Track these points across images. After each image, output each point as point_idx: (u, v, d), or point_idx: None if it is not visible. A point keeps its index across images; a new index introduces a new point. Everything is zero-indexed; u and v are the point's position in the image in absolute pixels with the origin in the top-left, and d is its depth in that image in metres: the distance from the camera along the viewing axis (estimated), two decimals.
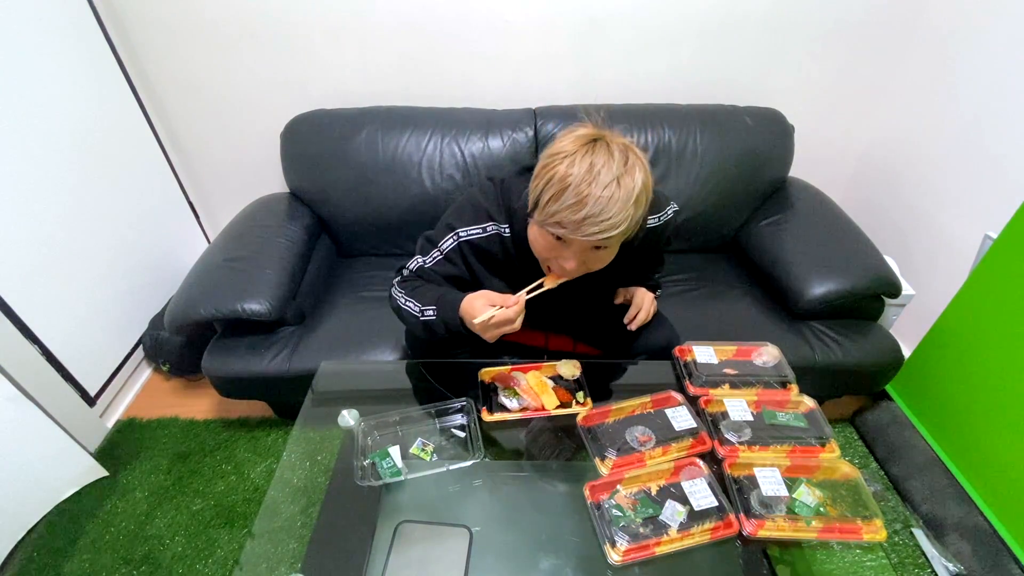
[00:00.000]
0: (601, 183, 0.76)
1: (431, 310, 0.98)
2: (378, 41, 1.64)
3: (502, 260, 1.03)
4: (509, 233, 1.00)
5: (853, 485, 0.90)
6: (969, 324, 1.35)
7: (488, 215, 1.01)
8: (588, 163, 0.77)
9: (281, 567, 0.88)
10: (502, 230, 1.01)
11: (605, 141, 0.80)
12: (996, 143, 1.44)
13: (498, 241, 1.01)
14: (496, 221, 1.01)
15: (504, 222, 1.00)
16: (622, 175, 0.77)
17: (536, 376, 1.09)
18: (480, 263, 1.03)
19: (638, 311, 1.12)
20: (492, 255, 1.02)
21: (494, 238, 1.01)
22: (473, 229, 1.01)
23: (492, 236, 1.01)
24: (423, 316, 0.99)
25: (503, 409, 1.03)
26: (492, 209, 1.01)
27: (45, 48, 1.39)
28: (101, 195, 1.58)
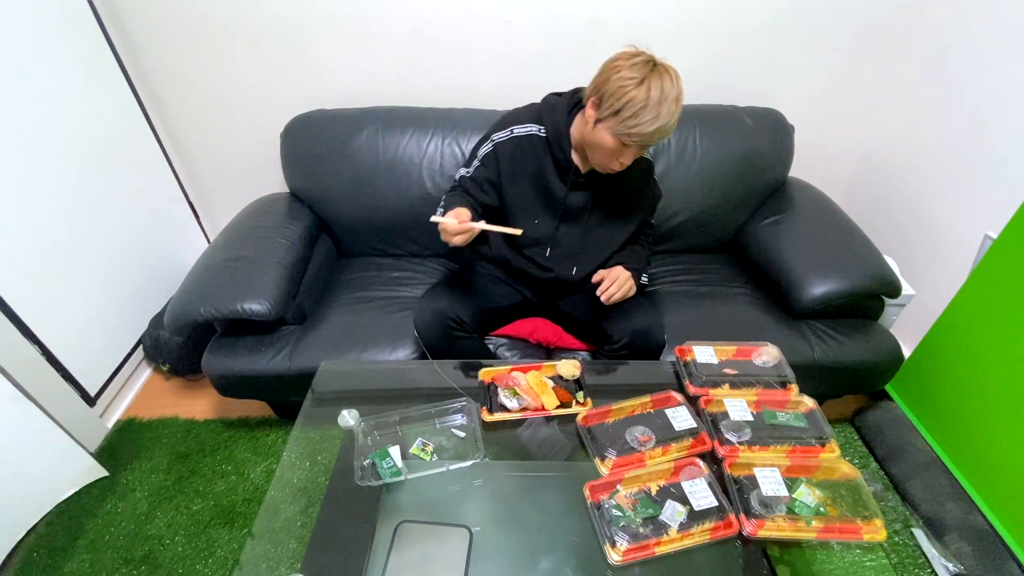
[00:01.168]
0: (668, 103, 1.00)
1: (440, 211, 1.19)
2: (379, 41, 1.64)
3: (530, 156, 1.22)
4: (539, 131, 1.21)
5: (853, 485, 0.90)
6: (969, 324, 1.35)
7: (518, 121, 1.23)
8: (660, 88, 0.99)
9: (281, 567, 0.88)
10: (530, 129, 1.21)
11: (663, 67, 1.02)
12: (996, 143, 1.44)
13: (527, 139, 1.21)
14: (524, 123, 1.22)
15: (536, 125, 1.21)
16: (679, 93, 1.02)
17: (536, 376, 1.09)
18: (507, 162, 1.23)
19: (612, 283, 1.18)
20: (522, 151, 1.22)
21: (522, 138, 1.22)
22: (502, 133, 1.23)
23: (520, 136, 1.22)
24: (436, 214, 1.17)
25: (503, 409, 1.03)
26: (526, 117, 1.23)
27: (45, 48, 1.39)
28: (101, 195, 1.58)
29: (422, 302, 1.29)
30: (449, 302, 1.26)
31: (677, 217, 1.68)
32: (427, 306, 1.26)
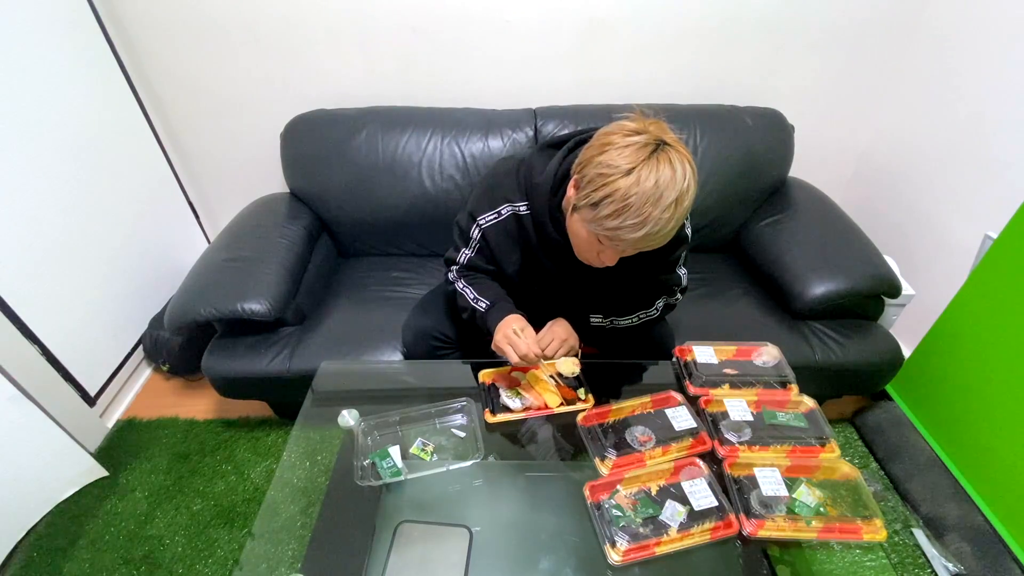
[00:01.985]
0: (663, 204, 0.76)
1: (484, 304, 1.07)
2: (378, 41, 1.64)
3: (517, 237, 1.06)
4: (527, 210, 1.03)
5: (853, 485, 0.90)
6: (969, 324, 1.35)
7: (504, 197, 1.04)
8: (653, 182, 0.75)
9: (281, 567, 0.88)
10: (518, 208, 1.04)
11: (666, 153, 0.77)
12: (996, 143, 1.44)
13: (514, 220, 1.05)
14: (511, 201, 1.04)
15: (522, 199, 1.03)
16: (681, 193, 0.77)
17: (537, 375, 1.09)
18: (497, 244, 1.08)
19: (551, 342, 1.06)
20: (508, 235, 1.06)
21: (509, 219, 1.05)
22: (490, 215, 1.05)
23: (507, 217, 1.05)
24: (476, 304, 1.08)
25: (506, 410, 1.03)
26: (508, 189, 1.04)
27: (45, 48, 1.39)
28: (101, 195, 1.58)
29: (408, 320, 1.27)
30: (434, 320, 1.24)
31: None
32: (411, 324, 1.25)
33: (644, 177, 0.75)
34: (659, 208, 0.76)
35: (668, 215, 0.76)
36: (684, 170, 0.77)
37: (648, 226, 0.76)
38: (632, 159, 0.76)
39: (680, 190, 0.76)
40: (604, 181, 0.78)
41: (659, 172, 0.75)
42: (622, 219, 0.77)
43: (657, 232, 0.78)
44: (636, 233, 0.77)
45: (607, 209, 0.78)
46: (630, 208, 0.76)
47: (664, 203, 0.76)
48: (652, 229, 0.77)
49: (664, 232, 0.79)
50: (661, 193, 0.75)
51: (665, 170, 0.76)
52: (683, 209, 0.78)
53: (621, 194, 0.76)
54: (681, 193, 0.77)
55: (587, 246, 0.89)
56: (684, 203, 0.78)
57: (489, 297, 1.08)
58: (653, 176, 0.75)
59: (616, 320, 1.17)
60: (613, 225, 0.78)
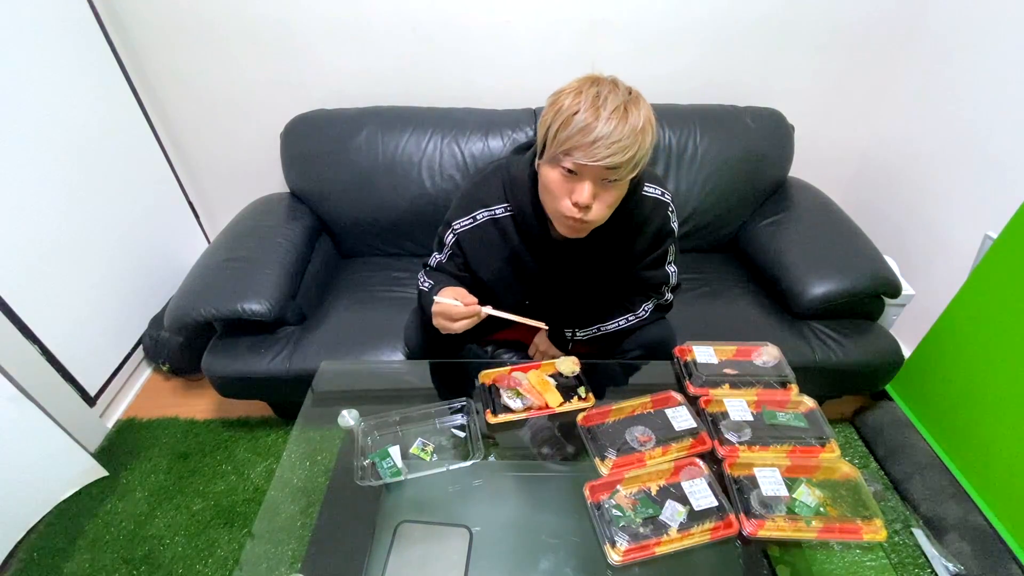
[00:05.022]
0: (608, 108, 0.79)
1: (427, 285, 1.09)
2: (378, 41, 1.64)
3: (496, 242, 1.05)
4: (507, 212, 1.03)
5: (853, 485, 0.90)
6: (969, 324, 1.35)
7: (480, 202, 1.04)
8: (594, 92, 0.80)
9: (281, 567, 0.88)
10: (495, 212, 1.03)
11: (609, 80, 0.83)
12: (996, 144, 1.44)
13: (491, 225, 1.04)
14: (487, 205, 1.03)
15: (500, 202, 1.03)
16: (627, 103, 0.80)
17: (537, 375, 1.09)
18: (472, 250, 1.07)
19: None
20: (485, 241, 1.05)
21: (486, 224, 1.04)
22: (464, 220, 1.05)
23: (484, 223, 1.04)
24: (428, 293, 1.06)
25: (507, 410, 1.03)
26: (485, 195, 1.04)
27: (45, 48, 1.39)
28: (101, 195, 1.58)
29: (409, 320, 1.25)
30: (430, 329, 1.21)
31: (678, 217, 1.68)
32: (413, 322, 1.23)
33: (586, 90, 0.81)
34: (606, 110, 0.78)
35: (617, 118, 0.78)
36: (628, 89, 0.82)
37: (598, 127, 0.78)
38: (575, 84, 0.83)
39: (624, 99, 0.80)
40: (552, 109, 0.83)
41: (599, 87, 0.81)
42: (571, 127, 0.80)
43: (610, 137, 0.78)
44: (588, 137, 0.78)
45: (556, 125, 0.82)
46: (577, 112, 0.79)
47: (609, 107, 0.78)
48: (603, 131, 0.78)
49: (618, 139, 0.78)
50: (605, 99, 0.79)
51: (604, 86, 0.81)
52: (636, 120, 0.79)
53: (566, 107, 0.81)
54: (626, 103, 0.80)
55: (560, 189, 0.87)
56: (634, 115, 0.80)
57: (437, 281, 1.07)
58: (594, 89, 0.81)
59: (602, 326, 1.17)
60: (565, 136, 0.80)
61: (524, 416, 1.03)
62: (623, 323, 1.17)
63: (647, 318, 1.17)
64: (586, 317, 1.19)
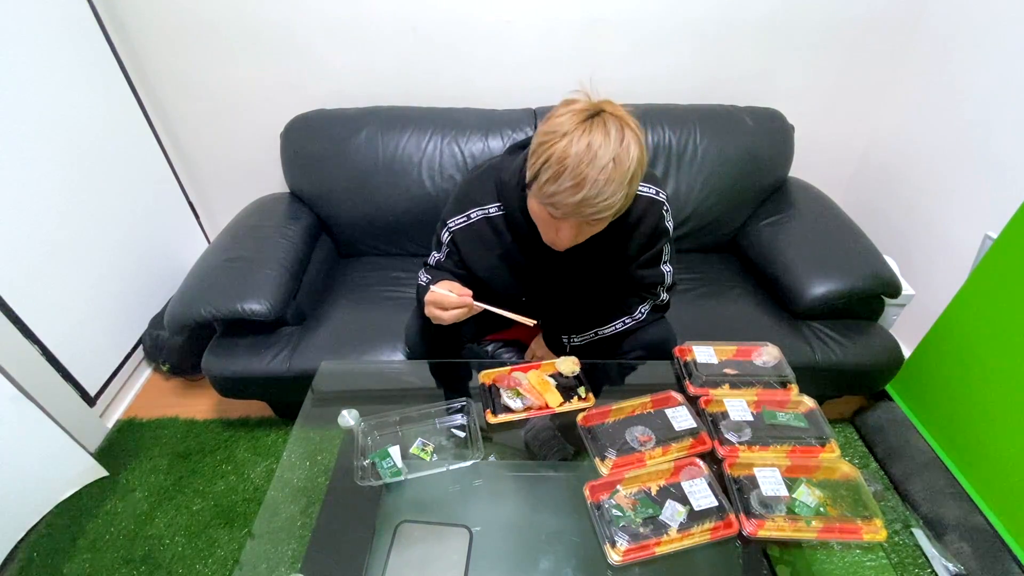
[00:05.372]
0: (598, 165, 0.76)
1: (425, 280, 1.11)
2: (378, 41, 1.64)
3: (490, 240, 1.06)
4: (499, 211, 1.03)
5: (853, 485, 0.90)
6: (969, 324, 1.35)
7: (474, 201, 1.05)
8: (586, 143, 0.76)
9: (281, 567, 0.88)
10: (488, 211, 1.04)
11: (603, 118, 0.79)
12: (996, 143, 1.44)
13: (484, 223, 1.05)
14: (480, 204, 1.04)
15: (493, 201, 1.03)
16: (619, 153, 0.77)
17: (537, 375, 1.09)
18: (466, 248, 1.08)
19: None
20: (479, 239, 1.06)
21: (480, 223, 1.05)
22: (459, 219, 1.06)
23: (477, 221, 1.05)
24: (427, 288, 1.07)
25: (507, 410, 1.03)
26: (478, 194, 1.05)
27: (45, 49, 1.39)
28: (101, 195, 1.58)
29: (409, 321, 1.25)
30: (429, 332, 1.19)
31: (677, 217, 1.68)
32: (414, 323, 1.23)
33: (577, 139, 0.76)
34: (595, 169, 0.75)
35: (605, 177, 0.76)
36: (622, 134, 0.78)
37: (586, 188, 0.76)
38: (568, 125, 0.78)
39: (615, 151, 0.76)
40: (542, 149, 0.80)
41: (592, 135, 0.76)
42: (559, 182, 0.77)
43: (597, 197, 0.77)
44: (574, 197, 0.77)
45: (545, 175, 0.79)
46: (565, 170, 0.76)
47: (599, 164, 0.75)
48: (590, 192, 0.76)
49: (606, 198, 0.77)
50: (595, 154, 0.76)
51: (597, 134, 0.77)
52: (624, 172, 0.77)
53: (556, 157, 0.77)
54: (618, 155, 0.77)
55: (544, 225, 0.89)
56: (624, 166, 0.77)
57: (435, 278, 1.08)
58: (586, 138, 0.76)
59: (600, 330, 1.17)
60: (552, 191, 0.79)
61: (524, 416, 1.03)
62: (619, 326, 1.17)
63: (644, 320, 1.17)
64: (582, 319, 1.19)
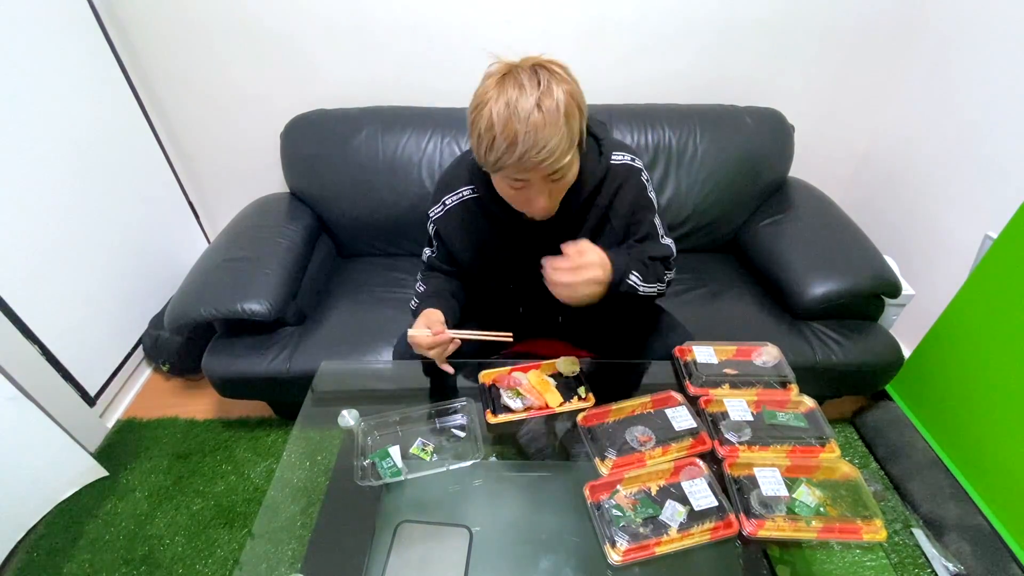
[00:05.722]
0: (522, 115, 0.75)
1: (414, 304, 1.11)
2: (378, 41, 1.64)
3: (469, 225, 1.05)
4: (473, 193, 1.03)
5: (853, 485, 0.89)
6: (969, 324, 1.35)
7: (447, 187, 1.05)
8: (504, 102, 0.76)
9: (281, 567, 0.88)
10: (462, 194, 1.04)
11: (514, 72, 0.78)
12: (996, 144, 1.44)
13: (460, 208, 1.05)
14: (454, 189, 1.04)
15: (465, 185, 1.03)
16: (540, 98, 0.76)
17: (537, 375, 1.09)
18: (447, 236, 1.08)
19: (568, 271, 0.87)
20: (458, 224, 1.06)
21: (455, 208, 1.05)
22: (436, 208, 1.07)
23: (452, 207, 1.05)
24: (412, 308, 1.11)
25: (507, 410, 1.03)
26: (450, 181, 1.05)
27: (45, 49, 1.39)
28: (101, 195, 1.58)
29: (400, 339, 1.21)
30: None
31: (677, 217, 1.68)
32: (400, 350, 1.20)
33: (495, 100, 0.76)
34: (520, 121, 0.75)
35: (534, 125, 0.75)
36: (536, 79, 0.76)
37: (520, 142, 0.75)
38: (487, 92, 0.78)
39: (536, 98, 0.75)
40: (473, 125, 0.80)
41: (507, 92, 0.76)
42: (495, 147, 0.77)
43: (535, 147, 0.75)
44: (514, 154, 0.76)
45: (483, 145, 0.79)
46: (496, 134, 0.76)
47: (522, 115, 0.75)
48: (526, 144, 0.75)
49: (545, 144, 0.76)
50: (516, 107, 0.75)
51: (512, 90, 0.76)
52: (554, 115, 0.75)
53: (485, 125, 0.77)
54: (540, 100, 0.75)
55: (514, 199, 0.89)
56: (551, 108, 0.75)
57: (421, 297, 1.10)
58: (503, 97, 0.76)
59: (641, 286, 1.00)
60: (494, 158, 0.78)
61: (524, 416, 1.02)
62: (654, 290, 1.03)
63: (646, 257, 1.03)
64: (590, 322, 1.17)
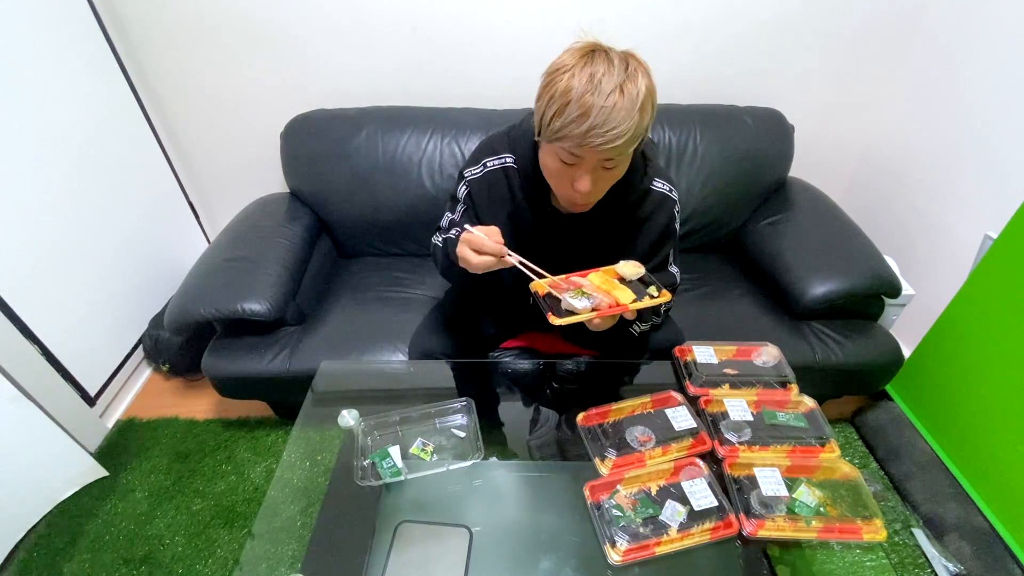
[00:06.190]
0: (603, 92, 0.75)
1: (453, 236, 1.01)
2: (378, 41, 1.64)
3: (504, 195, 1.03)
4: (513, 163, 1.01)
5: (853, 485, 0.90)
6: (969, 324, 1.35)
7: (489, 150, 1.03)
8: (588, 74, 0.76)
9: (281, 567, 0.88)
10: (505, 160, 1.01)
11: (603, 50, 0.79)
12: (996, 143, 1.44)
13: (499, 173, 1.02)
14: (497, 154, 1.02)
15: (507, 152, 1.01)
16: (624, 81, 0.76)
17: (600, 275, 0.95)
18: (480, 199, 1.04)
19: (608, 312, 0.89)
20: (493, 191, 1.03)
21: (492, 173, 1.02)
22: (475, 169, 1.04)
23: (491, 171, 1.02)
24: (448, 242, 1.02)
25: (571, 313, 0.88)
26: (494, 145, 1.03)
27: (45, 49, 1.39)
28: (101, 195, 1.58)
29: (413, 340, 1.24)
30: (439, 340, 1.20)
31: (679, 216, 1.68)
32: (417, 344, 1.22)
33: (579, 72, 0.77)
34: (600, 96, 0.75)
35: (612, 103, 0.75)
36: (625, 63, 0.78)
37: (592, 115, 0.75)
38: (569, 61, 0.79)
39: (619, 79, 0.76)
40: (546, 90, 0.80)
41: (594, 66, 0.77)
42: (565, 115, 0.77)
43: (604, 124, 0.75)
44: (582, 126, 0.76)
45: (551, 111, 0.79)
46: (570, 101, 0.76)
47: (604, 91, 0.75)
48: (597, 119, 0.75)
49: (615, 126, 0.76)
50: (599, 81, 0.75)
51: (600, 64, 0.77)
52: (632, 100, 0.76)
53: (560, 91, 0.77)
54: (623, 83, 0.76)
55: (559, 178, 0.88)
56: (632, 93, 0.76)
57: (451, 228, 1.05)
58: (588, 69, 0.77)
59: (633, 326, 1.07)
60: (558, 124, 0.78)
61: (592, 317, 0.87)
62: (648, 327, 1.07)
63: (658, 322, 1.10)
64: None
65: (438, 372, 1.25)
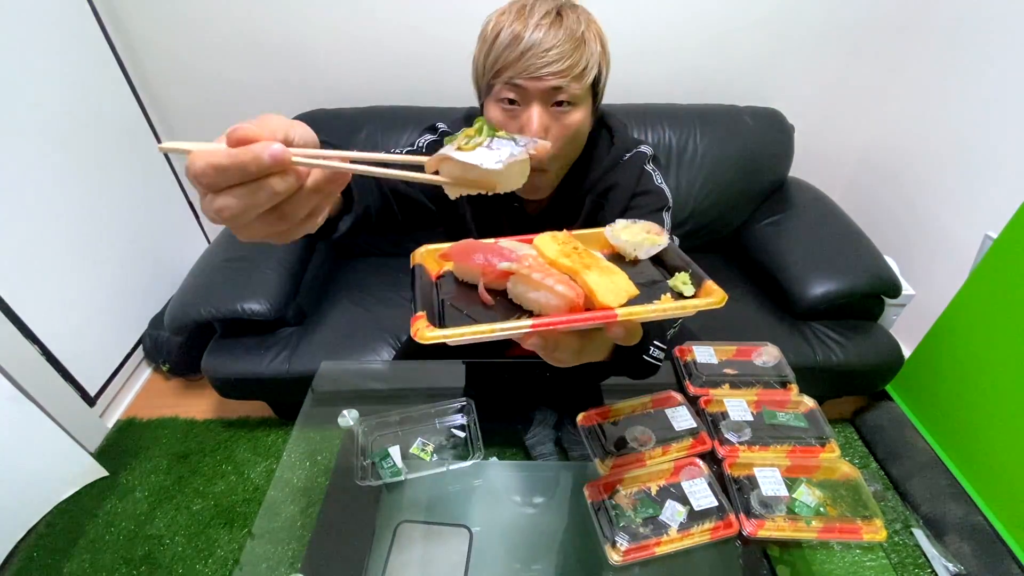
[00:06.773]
0: (536, 15, 0.71)
1: None
2: (378, 41, 1.64)
3: None
4: None
5: (853, 485, 0.89)
6: (969, 324, 1.35)
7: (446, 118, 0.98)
8: (519, 4, 0.73)
9: (281, 567, 0.88)
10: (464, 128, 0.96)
11: None
12: (996, 143, 1.44)
13: None
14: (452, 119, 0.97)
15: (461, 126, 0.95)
16: (561, 7, 0.73)
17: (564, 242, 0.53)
18: None
19: None
20: None
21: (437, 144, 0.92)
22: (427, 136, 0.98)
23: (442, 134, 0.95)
24: None
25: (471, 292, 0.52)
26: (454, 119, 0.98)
27: (45, 48, 1.39)
28: (101, 195, 1.58)
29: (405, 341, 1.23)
30: None
31: (677, 217, 1.68)
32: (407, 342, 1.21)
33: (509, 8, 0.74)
34: (532, 19, 0.70)
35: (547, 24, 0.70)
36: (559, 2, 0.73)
37: (524, 39, 0.69)
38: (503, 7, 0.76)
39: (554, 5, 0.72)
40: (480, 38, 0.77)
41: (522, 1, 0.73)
42: (497, 45, 0.72)
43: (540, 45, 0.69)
44: (516, 49, 0.70)
45: (483, 52, 0.75)
46: (500, 32, 0.72)
47: (537, 14, 0.71)
48: (532, 40, 0.69)
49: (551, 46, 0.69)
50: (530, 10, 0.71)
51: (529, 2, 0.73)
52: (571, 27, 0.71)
53: (491, 30, 0.74)
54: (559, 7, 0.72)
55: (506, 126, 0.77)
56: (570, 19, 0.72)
57: None
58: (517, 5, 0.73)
59: None
60: (493, 59, 0.73)
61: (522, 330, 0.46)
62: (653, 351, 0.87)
63: None
64: None
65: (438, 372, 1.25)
